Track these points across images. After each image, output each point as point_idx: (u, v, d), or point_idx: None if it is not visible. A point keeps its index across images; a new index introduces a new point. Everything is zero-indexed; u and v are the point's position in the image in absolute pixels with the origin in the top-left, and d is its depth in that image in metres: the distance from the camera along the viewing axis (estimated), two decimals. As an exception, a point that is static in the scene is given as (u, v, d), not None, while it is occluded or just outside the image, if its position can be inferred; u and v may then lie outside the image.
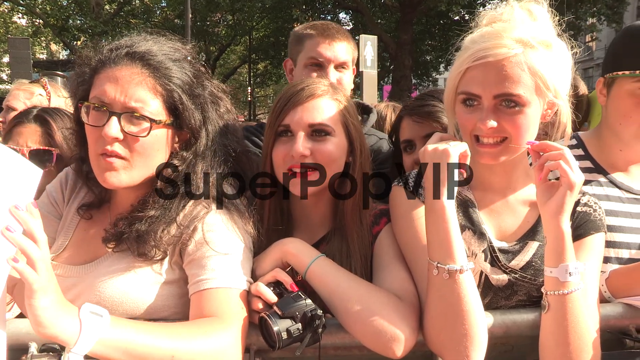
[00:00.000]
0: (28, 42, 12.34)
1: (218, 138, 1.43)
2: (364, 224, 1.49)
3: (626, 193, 1.71)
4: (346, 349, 1.33)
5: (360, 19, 20.34)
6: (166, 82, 1.32)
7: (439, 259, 1.26)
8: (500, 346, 1.39)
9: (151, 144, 1.32)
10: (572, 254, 1.27)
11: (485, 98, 1.33)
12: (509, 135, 1.34)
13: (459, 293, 1.24)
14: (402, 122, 2.04)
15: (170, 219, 1.33)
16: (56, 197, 1.52)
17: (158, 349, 1.11)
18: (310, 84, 1.48)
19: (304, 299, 1.25)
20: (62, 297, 1.10)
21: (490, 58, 1.31)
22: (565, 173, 1.25)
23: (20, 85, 2.91)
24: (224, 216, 1.36)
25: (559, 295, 1.26)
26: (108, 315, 1.10)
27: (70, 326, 1.05)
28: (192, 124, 1.36)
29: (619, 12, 17.16)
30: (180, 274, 1.35)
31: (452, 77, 1.42)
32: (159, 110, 1.32)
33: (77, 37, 20.34)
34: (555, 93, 1.36)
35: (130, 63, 1.31)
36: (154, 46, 1.36)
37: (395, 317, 1.25)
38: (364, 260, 1.46)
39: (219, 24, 26.87)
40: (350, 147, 1.49)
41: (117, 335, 1.09)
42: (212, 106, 1.43)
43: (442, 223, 1.27)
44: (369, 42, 11.12)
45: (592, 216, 1.44)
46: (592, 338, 1.27)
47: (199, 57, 1.49)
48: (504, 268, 1.42)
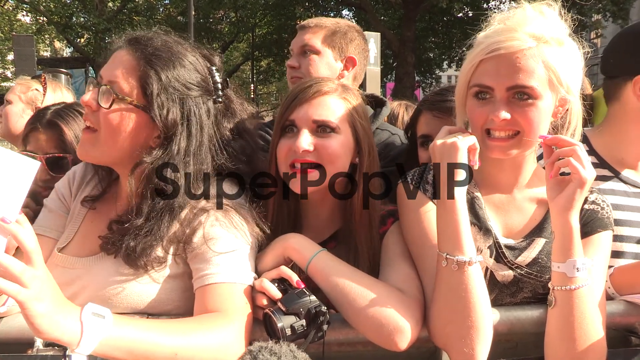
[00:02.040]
0: (32, 40, 12.39)
1: (215, 154, 1.41)
2: (373, 225, 1.49)
3: (632, 187, 1.70)
4: (350, 345, 1.33)
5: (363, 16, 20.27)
6: (144, 66, 1.33)
7: (448, 250, 1.26)
8: (504, 343, 1.38)
9: (116, 120, 1.33)
10: (580, 249, 1.26)
11: (498, 90, 1.33)
12: (521, 129, 1.34)
13: (467, 285, 1.24)
14: (421, 116, 2.01)
15: (159, 236, 1.32)
16: (64, 192, 1.55)
17: (161, 347, 1.11)
18: (319, 81, 1.49)
19: (308, 296, 1.25)
20: (61, 299, 1.07)
21: (503, 50, 1.31)
22: (576, 170, 1.24)
23: (20, 79, 2.97)
24: (228, 213, 1.36)
25: (566, 290, 1.26)
26: (111, 316, 1.09)
27: (71, 329, 1.03)
28: (162, 116, 1.32)
29: (624, 9, 17.00)
30: (184, 268, 1.35)
31: (464, 71, 1.42)
32: (129, 90, 1.33)
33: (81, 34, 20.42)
34: (567, 89, 1.35)
35: (126, 47, 1.38)
36: (156, 37, 1.40)
37: (398, 309, 1.25)
38: (372, 260, 1.46)
39: (221, 21, 26.86)
40: (357, 147, 1.49)
41: (119, 334, 1.08)
42: (212, 116, 1.41)
43: (452, 215, 1.28)
44: (371, 39, 11.08)
45: (600, 214, 1.43)
46: (598, 335, 1.27)
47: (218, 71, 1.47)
48: (510, 264, 1.42)
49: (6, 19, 25.31)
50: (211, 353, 1.16)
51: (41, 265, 1.05)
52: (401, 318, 1.24)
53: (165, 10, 26.66)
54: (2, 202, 1.02)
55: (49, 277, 1.07)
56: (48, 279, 1.06)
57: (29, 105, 2.78)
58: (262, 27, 26.14)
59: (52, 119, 2.05)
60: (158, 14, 25.82)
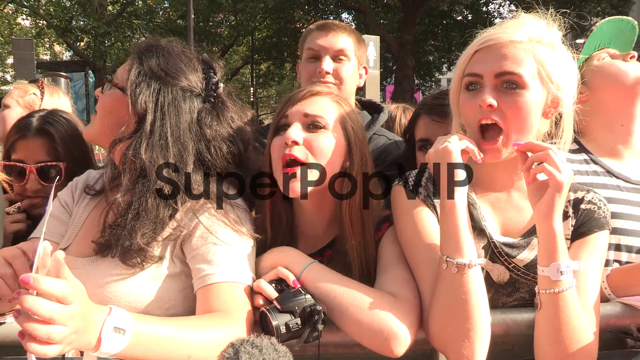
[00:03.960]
0: (32, 43, 12.42)
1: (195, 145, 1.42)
2: (367, 228, 1.48)
3: (624, 182, 1.71)
4: (347, 347, 1.33)
5: (362, 19, 20.33)
6: (135, 55, 1.44)
7: (448, 252, 1.27)
8: (500, 345, 1.39)
9: (107, 103, 1.45)
10: (563, 253, 1.26)
11: (487, 77, 1.35)
12: (505, 120, 1.34)
13: (467, 288, 1.24)
14: (419, 120, 2.00)
15: (156, 223, 1.32)
16: (67, 200, 1.58)
17: (177, 347, 1.13)
18: (314, 86, 1.53)
19: (303, 295, 1.26)
20: (85, 309, 1.00)
21: (494, 41, 1.36)
22: (551, 175, 1.25)
23: (17, 84, 2.93)
24: (227, 214, 1.37)
25: (550, 293, 1.26)
26: (132, 331, 1.07)
27: (88, 342, 1.01)
28: (134, 96, 1.38)
29: (623, 12, 17.08)
30: (182, 267, 1.36)
31: (459, 66, 1.45)
32: (119, 77, 1.45)
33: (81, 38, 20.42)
34: (557, 87, 1.36)
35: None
36: (172, 46, 1.48)
37: (391, 315, 1.25)
38: (367, 266, 1.46)
39: (221, 24, 26.89)
40: (348, 148, 1.49)
41: (138, 341, 1.08)
42: (194, 113, 1.42)
43: (451, 218, 1.29)
44: (371, 42, 11.12)
45: (597, 214, 1.43)
46: (587, 336, 1.27)
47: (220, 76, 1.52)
48: (507, 263, 1.42)
49: (6, 22, 25.36)
50: (217, 348, 1.15)
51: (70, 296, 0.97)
52: (395, 324, 1.24)
53: (165, 13, 26.69)
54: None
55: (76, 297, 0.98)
56: (76, 297, 0.98)
57: (27, 109, 2.73)
58: (261, 31, 26.18)
59: (43, 126, 1.99)
60: (157, 17, 25.85)
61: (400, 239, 1.45)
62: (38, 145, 1.97)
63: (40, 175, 1.96)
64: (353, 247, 1.45)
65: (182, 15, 23.57)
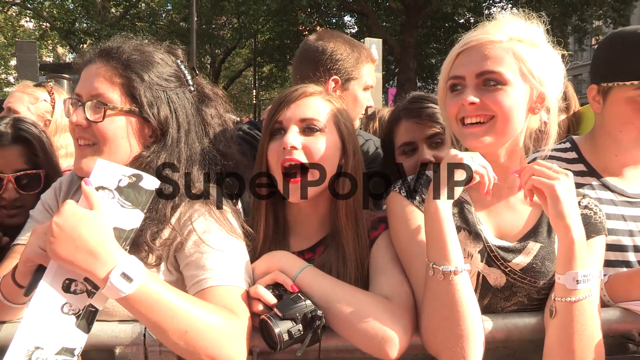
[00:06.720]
0: (35, 45, 12.46)
1: (201, 139, 1.47)
2: (361, 227, 1.49)
3: (619, 196, 1.71)
4: (348, 352, 1.33)
5: (365, 22, 20.37)
6: (124, 72, 1.39)
7: (435, 259, 1.27)
8: (501, 350, 1.39)
9: (112, 130, 1.37)
10: (581, 261, 1.25)
11: (469, 77, 1.39)
12: (494, 112, 1.36)
13: (454, 294, 1.24)
14: (400, 125, 1.99)
15: (159, 220, 1.34)
16: (51, 204, 1.57)
17: (177, 314, 1.15)
18: (303, 86, 1.54)
19: (303, 300, 1.26)
20: (104, 233, 1.15)
21: (474, 42, 1.40)
22: (541, 184, 1.27)
23: (24, 87, 2.80)
24: (218, 218, 1.38)
25: (566, 302, 1.25)
26: (139, 282, 1.12)
27: (95, 269, 1.11)
28: (155, 115, 1.39)
29: (625, 15, 17.03)
30: (177, 276, 1.37)
31: (443, 71, 1.48)
32: (117, 98, 1.38)
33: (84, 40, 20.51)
34: (540, 82, 1.38)
35: (98, 60, 1.42)
36: (124, 44, 1.44)
37: (385, 318, 1.25)
38: (360, 264, 1.46)
39: (224, 27, 26.98)
40: (342, 147, 1.51)
41: (143, 293, 1.13)
42: (192, 104, 1.48)
43: (436, 224, 1.28)
44: (373, 45, 11.11)
45: (593, 219, 1.44)
46: (598, 346, 1.26)
47: (189, 60, 1.56)
48: (504, 267, 1.42)
49: (9, 24, 25.47)
50: (216, 335, 1.17)
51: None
52: (389, 328, 1.24)
53: (168, 16, 26.79)
54: None
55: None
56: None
57: (40, 119, 2.64)
58: (264, 33, 26.25)
59: (19, 134, 1.92)
60: (160, 20, 25.96)
61: (396, 245, 1.45)
62: (15, 154, 1.91)
63: (18, 184, 1.90)
64: (349, 242, 1.46)
65: (184, 18, 23.63)
